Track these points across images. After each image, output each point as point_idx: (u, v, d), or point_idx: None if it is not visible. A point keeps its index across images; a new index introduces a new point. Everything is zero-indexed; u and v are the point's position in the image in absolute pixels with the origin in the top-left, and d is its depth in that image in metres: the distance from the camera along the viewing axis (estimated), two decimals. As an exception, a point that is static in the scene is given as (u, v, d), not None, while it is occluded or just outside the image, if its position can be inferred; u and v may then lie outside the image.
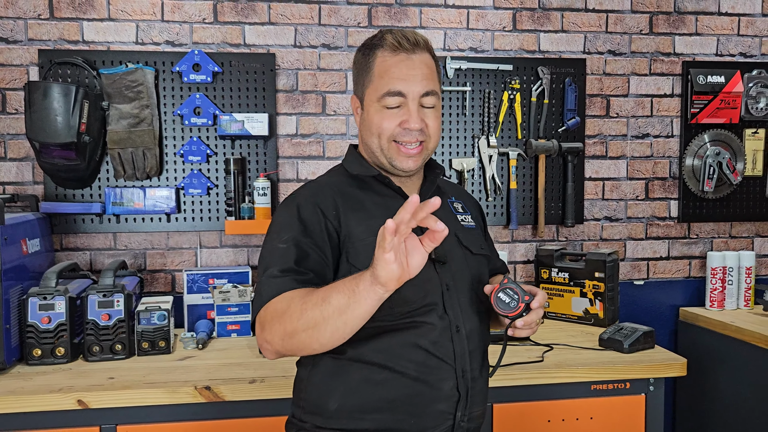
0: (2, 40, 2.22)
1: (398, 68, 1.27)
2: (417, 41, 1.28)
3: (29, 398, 1.62)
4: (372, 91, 1.30)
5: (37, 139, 2.05)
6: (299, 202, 1.29)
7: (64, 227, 2.25)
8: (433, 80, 1.30)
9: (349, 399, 1.24)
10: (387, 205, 1.32)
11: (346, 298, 1.03)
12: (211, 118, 2.29)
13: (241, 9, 2.33)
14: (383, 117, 1.29)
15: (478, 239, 1.42)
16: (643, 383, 1.89)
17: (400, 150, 1.30)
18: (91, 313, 1.89)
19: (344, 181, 1.36)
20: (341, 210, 1.29)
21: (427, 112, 1.30)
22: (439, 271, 1.29)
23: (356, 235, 1.27)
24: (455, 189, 1.54)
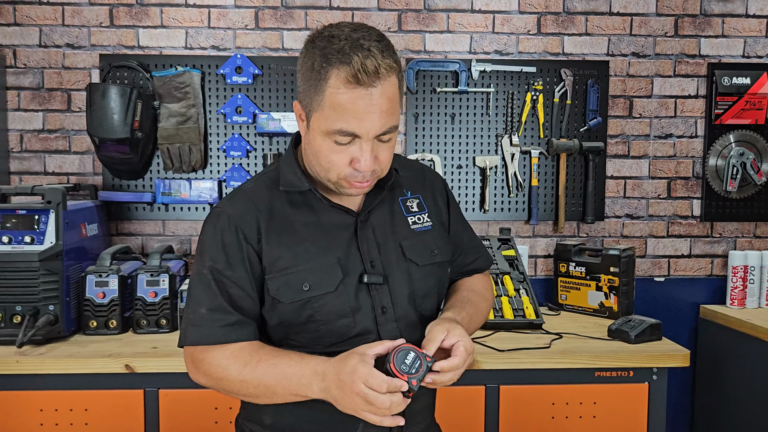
0: (69, 45, 2.48)
1: (354, 106, 1.08)
2: (378, 72, 1.07)
3: (85, 361, 1.84)
4: (321, 119, 1.11)
5: (97, 134, 2.30)
6: (222, 225, 1.20)
7: (119, 214, 2.49)
8: (393, 114, 1.12)
9: (281, 417, 1.23)
10: (320, 223, 1.23)
11: (291, 396, 1.12)
12: (251, 117, 2.49)
13: (280, 16, 2.52)
14: (332, 151, 1.13)
15: (431, 243, 1.30)
16: (647, 372, 1.97)
17: (350, 183, 1.17)
18: (140, 291, 2.11)
19: (274, 194, 1.24)
20: (263, 234, 1.20)
21: (382, 146, 1.15)
22: (374, 294, 1.22)
23: (278, 265, 1.19)
24: (414, 176, 1.36)
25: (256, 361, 1.14)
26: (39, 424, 1.85)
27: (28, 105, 2.49)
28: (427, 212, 1.33)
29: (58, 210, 2.01)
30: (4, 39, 2.47)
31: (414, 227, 1.29)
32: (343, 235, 1.23)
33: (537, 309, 2.24)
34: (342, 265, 1.20)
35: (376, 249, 1.24)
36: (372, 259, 1.23)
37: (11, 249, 1.96)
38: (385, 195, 1.28)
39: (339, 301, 1.19)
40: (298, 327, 1.20)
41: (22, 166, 2.50)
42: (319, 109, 1.11)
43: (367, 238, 1.24)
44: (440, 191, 1.38)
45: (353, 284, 1.21)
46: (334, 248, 1.21)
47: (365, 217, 1.25)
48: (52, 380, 1.85)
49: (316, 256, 1.20)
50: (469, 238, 1.46)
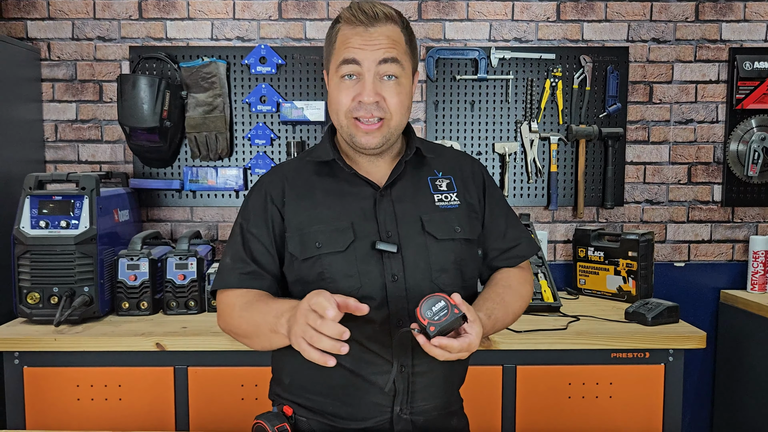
0: (100, 38, 2.57)
1: (354, 39, 1.23)
2: (375, 14, 1.23)
3: (118, 340, 1.94)
4: (333, 63, 1.26)
5: (127, 124, 2.38)
6: (256, 190, 1.36)
7: (149, 201, 2.59)
8: (395, 49, 1.23)
9: (296, 378, 1.31)
10: (341, 190, 1.31)
11: (268, 330, 1.17)
12: (275, 106, 2.55)
13: (302, 6, 2.58)
14: (340, 90, 1.25)
15: (454, 220, 1.32)
16: (663, 353, 2.00)
17: (358, 126, 1.25)
18: (170, 274, 2.20)
19: (303, 165, 1.36)
20: (286, 197, 1.31)
21: (387, 85, 1.24)
22: (386, 262, 1.25)
23: (296, 225, 1.29)
24: (449, 159, 1.42)
25: (257, 301, 1.25)
26: (76, 399, 1.95)
27: (62, 96, 2.59)
28: (456, 192, 1.36)
29: (91, 196, 2.11)
30: (38, 33, 2.57)
31: (438, 204, 1.33)
32: (362, 204, 1.30)
33: (555, 292, 2.28)
34: (355, 230, 1.27)
35: (394, 221, 1.29)
36: (388, 230, 1.28)
37: (48, 233, 2.06)
38: (411, 171, 1.34)
39: (346, 261, 1.25)
40: (310, 284, 1.25)
41: (57, 155, 2.60)
42: (332, 57, 1.27)
43: (385, 210, 1.29)
44: (476, 175, 1.41)
45: (364, 249, 1.26)
46: (350, 214, 1.29)
47: (386, 191, 1.31)
48: (88, 357, 1.94)
49: (330, 218, 1.28)
50: (510, 223, 1.44)
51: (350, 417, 1.27)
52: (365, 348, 1.24)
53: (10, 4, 2.55)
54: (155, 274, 2.21)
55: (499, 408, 2.00)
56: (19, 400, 1.94)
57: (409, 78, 1.29)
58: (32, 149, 2.52)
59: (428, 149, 1.39)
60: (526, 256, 1.45)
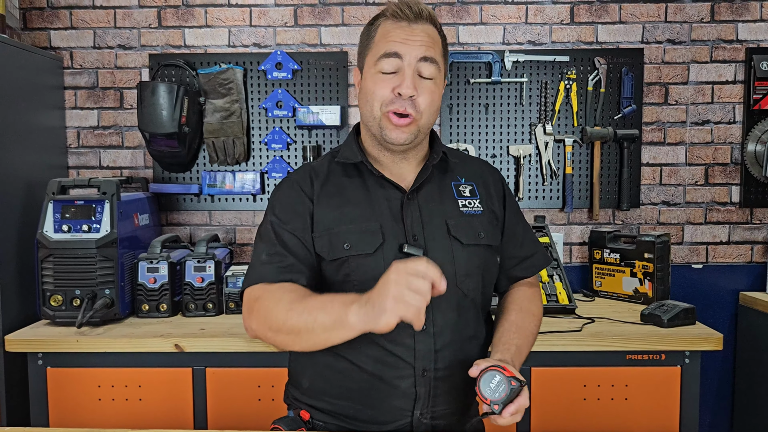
0: (120, 46, 2.63)
1: (396, 32, 1.25)
2: (420, 11, 1.26)
3: (138, 341, 1.98)
4: (371, 57, 1.28)
5: (147, 130, 2.43)
6: (286, 186, 1.35)
7: (168, 205, 2.63)
8: (434, 49, 1.26)
9: (316, 381, 1.31)
10: (369, 193, 1.31)
11: (332, 323, 1.09)
12: (291, 111, 2.59)
13: (318, 13, 2.61)
14: (377, 82, 1.26)
15: (478, 226, 1.34)
16: (679, 355, 1.99)
17: (390, 120, 1.26)
18: (188, 276, 2.24)
19: (332, 166, 1.37)
20: (316, 195, 1.31)
21: (424, 83, 1.26)
22: None
23: (324, 224, 1.29)
24: (472, 167, 1.44)
25: (309, 296, 1.18)
26: (97, 399, 1.99)
27: (84, 103, 2.65)
28: (479, 199, 1.38)
29: (112, 201, 2.16)
30: (61, 42, 2.63)
31: (463, 209, 1.35)
32: (390, 207, 1.30)
33: (570, 294, 2.28)
34: (384, 232, 1.27)
35: (420, 225, 1.30)
36: (415, 233, 1.29)
37: (71, 237, 2.11)
38: (437, 176, 1.36)
39: (375, 264, 1.25)
40: (336, 286, 1.27)
41: (79, 160, 2.66)
42: (370, 51, 1.29)
43: (412, 214, 1.30)
44: (496, 185, 1.44)
45: (392, 251, 1.26)
46: (379, 216, 1.29)
47: (413, 194, 1.33)
48: (109, 358, 1.99)
49: (359, 219, 1.28)
50: (528, 233, 1.49)
51: (370, 420, 1.27)
52: (387, 351, 1.24)
53: (34, 15, 2.62)
54: (174, 277, 2.25)
55: (514, 409, 2.00)
56: (42, 400, 1.99)
57: (442, 81, 1.31)
58: (55, 155, 2.59)
59: (452, 154, 1.42)
60: (543, 265, 1.49)
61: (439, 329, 1.26)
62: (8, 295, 2.15)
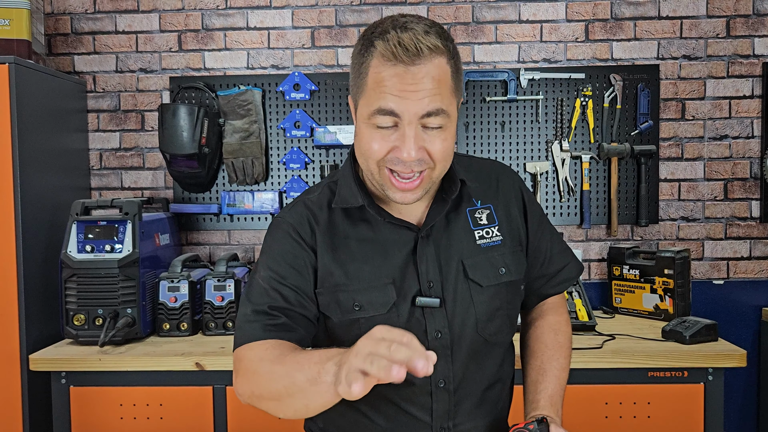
0: (142, 70, 2.69)
1: (392, 82, 1.01)
2: (419, 50, 1.00)
3: (159, 360, 2.00)
4: (363, 104, 1.06)
5: (168, 151, 2.48)
6: (282, 233, 1.17)
7: (188, 225, 2.67)
8: (440, 95, 1.03)
9: (330, 426, 1.23)
10: (377, 239, 1.16)
11: (308, 383, 0.92)
12: (309, 131, 2.62)
13: (334, 34, 2.66)
14: (372, 137, 1.05)
15: (499, 260, 1.20)
16: (702, 372, 1.97)
17: (392, 181, 1.07)
18: (208, 295, 2.26)
19: (331, 208, 1.18)
20: (318, 246, 1.15)
21: (431, 135, 1.04)
22: (428, 318, 1.14)
23: (330, 281, 1.14)
24: (484, 183, 1.24)
25: (291, 353, 1.03)
26: (119, 418, 2.01)
27: (106, 126, 2.70)
28: (498, 225, 1.22)
29: (134, 221, 2.19)
30: (84, 66, 2.70)
31: (480, 242, 1.19)
32: (401, 252, 1.16)
33: (590, 311, 2.27)
34: (397, 287, 1.14)
35: (437, 268, 1.16)
36: (430, 280, 1.16)
37: (93, 257, 2.14)
38: (450, 207, 1.19)
39: (388, 323, 1.03)
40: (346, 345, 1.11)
41: (101, 182, 2.71)
42: (362, 94, 1.06)
43: (427, 257, 1.16)
44: (515, 197, 1.26)
45: (406, 307, 1.14)
46: (390, 268, 1.15)
47: (426, 233, 1.17)
48: (131, 377, 2.01)
49: (369, 275, 1.15)
50: (555, 243, 1.33)
51: None
52: (402, 410, 1.15)
53: (59, 40, 2.69)
54: (194, 296, 2.27)
55: (535, 428, 1.98)
56: (65, 419, 2.01)
57: (454, 119, 1.08)
58: (79, 177, 2.64)
59: (468, 174, 1.21)
60: (575, 277, 1.35)
61: (458, 383, 1.16)
62: (33, 314, 2.19)
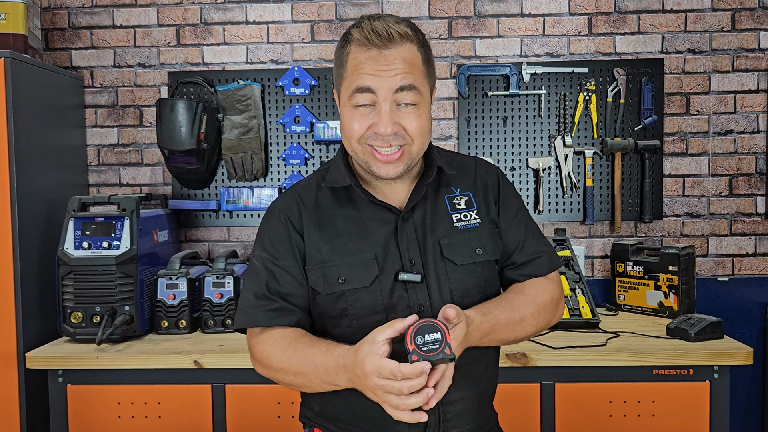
0: (140, 65, 2.66)
1: (367, 64, 1.14)
2: (390, 35, 1.13)
3: (157, 358, 1.97)
4: (344, 89, 1.19)
5: (166, 147, 2.45)
6: (274, 218, 1.28)
7: (187, 222, 2.64)
8: (412, 74, 1.16)
9: (325, 406, 1.29)
10: (361, 219, 1.25)
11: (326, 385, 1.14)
12: (309, 126, 2.59)
13: (334, 28, 2.62)
14: (353, 118, 1.18)
15: (475, 241, 1.26)
16: (707, 370, 1.94)
17: (375, 155, 1.18)
18: (207, 292, 2.23)
19: (319, 191, 1.28)
20: (305, 226, 1.25)
21: (405, 111, 1.17)
22: (411, 293, 1.22)
23: (317, 258, 1.24)
24: (468, 173, 1.33)
25: (293, 350, 1.17)
26: (117, 417, 1.99)
27: (104, 122, 2.67)
28: (476, 209, 1.29)
29: (132, 217, 2.16)
30: (82, 61, 2.67)
31: (458, 225, 1.27)
32: (384, 231, 1.24)
33: (593, 308, 2.24)
34: (379, 262, 1.22)
35: (417, 247, 1.24)
36: (412, 258, 1.23)
37: (91, 254, 2.12)
38: (429, 192, 1.28)
39: (372, 297, 1.21)
40: (334, 320, 1.24)
41: (99, 178, 2.68)
42: (342, 81, 1.19)
43: (408, 236, 1.25)
44: (492, 186, 1.33)
45: (389, 281, 1.22)
46: (373, 244, 1.24)
47: (407, 215, 1.26)
48: (129, 375, 1.98)
49: (353, 251, 1.23)
50: (529, 236, 1.33)
51: None
52: None
53: (56, 35, 2.66)
54: (193, 293, 2.24)
55: (538, 427, 1.96)
56: (62, 417, 1.99)
57: (427, 100, 1.21)
58: (76, 173, 2.61)
59: (448, 164, 1.31)
60: (545, 271, 1.32)
61: None
62: (29, 312, 2.16)
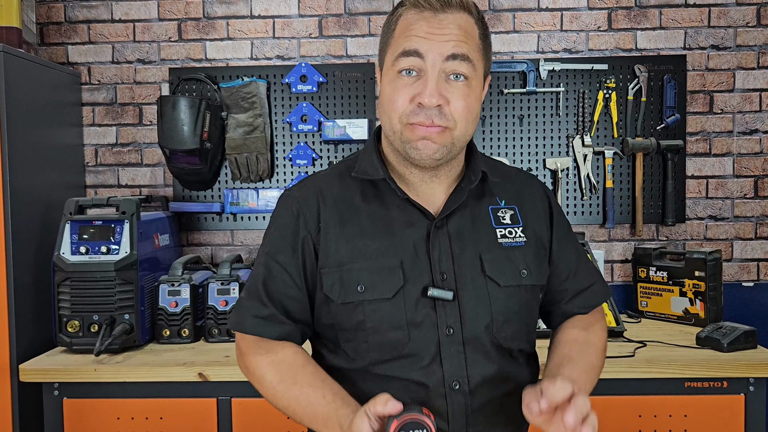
0: (140, 61, 2.54)
1: (418, 25, 1.03)
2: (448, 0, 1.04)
3: (159, 370, 1.85)
4: (390, 55, 1.07)
5: (167, 146, 2.33)
6: (285, 208, 1.15)
7: (189, 225, 2.53)
8: (467, 44, 1.03)
9: None
10: (389, 218, 1.10)
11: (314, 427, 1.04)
12: (316, 125, 2.48)
13: (343, 23, 2.51)
14: (395, 89, 1.04)
15: (520, 261, 1.13)
16: (742, 382, 1.84)
17: (414, 132, 1.04)
18: (211, 299, 2.12)
19: (344, 182, 1.14)
20: (323, 222, 1.11)
21: (454, 86, 1.03)
22: (440, 311, 1.07)
23: (334, 259, 1.09)
24: (514, 184, 1.20)
25: (292, 382, 1.08)
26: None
27: (102, 120, 2.56)
28: (522, 226, 1.16)
29: (132, 221, 2.05)
30: (79, 57, 2.55)
31: (502, 241, 1.13)
32: (414, 236, 1.10)
33: (617, 316, 2.13)
34: (405, 271, 1.08)
35: (450, 259, 1.10)
36: (443, 271, 1.09)
37: (88, 259, 2.00)
38: (471, 200, 1.14)
39: (394, 310, 1.06)
40: (348, 333, 1.10)
41: (97, 179, 2.57)
42: (389, 47, 1.08)
43: (441, 245, 1.10)
44: (542, 203, 1.21)
45: (415, 295, 1.07)
46: (400, 250, 1.09)
47: (442, 222, 1.11)
48: (129, 388, 1.86)
49: (376, 254, 1.08)
50: (582, 260, 1.24)
51: None
52: None
53: (52, 29, 2.55)
54: (196, 300, 2.13)
55: (563, 442, 1.85)
56: (58, 434, 1.87)
57: (480, 81, 1.08)
58: (72, 174, 2.49)
59: (493, 171, 1.18)
60: (602, 299, 1.24)
61: (475, 386, 1.07)
62: (23, 321, 2.05)
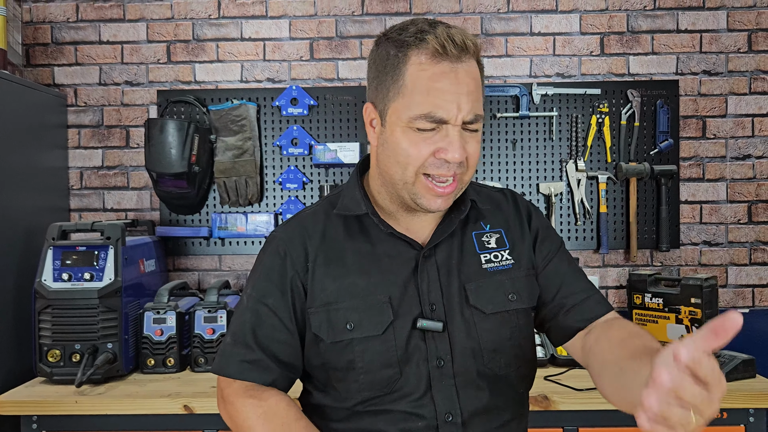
0: (127, 83, 2.50)
1: (441, 84, 0.98)
2: (465, 45, 0.99)
3: (143, 402, 1.79)
4: (402, 107, 1.01)
5: (155, 169, 2.28)
6: (272, 250, 1.12)
7: (176, 249, 2.47)
8: (479, 100, 1.02)
9: None
10: (375, 254, 1.09)
11: None
12: (307, 148, 2.44)
13: (335, 46, 2.49)
14: (413, 142, 1.00)
15: (508, 286, 1.10)
16: (742, 413, 1.80)
17: (429, 186, 1.02)
18: (198, 327, 2.06)
19: (328, 220, 1.12)
20: (310, 262, 1.09)
21: (469, 137, 1.02)
22: (430, 343, 1.05)
23: (321, 298, 1.07)
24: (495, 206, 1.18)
25: None
26: (97, 467, 1.80)
27: (87, 142, 2.51)
28: (509, 249, 1.13)
29: (117, 246, 1.99)
30: (65, 78, 2.51)
31: (487, 266, 1.10)
32: (401, 270, 1.08)
33: (613, 344, 2.09)
34: (393, 306, 1.06)
35: (439, 289, 1.08)
36: (432, 302, 1.07)
37: (71, 286, 1.94)
38: (456, 228, 1.12)
39: (384, 348, 1.04)
40: (339, 373, 1.07)
41: (81, 203, 2.51)
42: (398, 97, 1.01)
43: (430, 276, 1.08)
44: (526, 221, 1.18)
45: (405, 329, 1.05)
46: (388, 285, 1.07)
47: (430, 252, 1.10)
48: (111, 421, 1.80)
49: (363, 292, 1.07)
50: (573, 272, 1.18)
51: None
52: None
53: (38, 51, 2.50)
54: (182, 329, 2.07)
55: (561, 476, 1.80)
56: (36, 470, 1.79)
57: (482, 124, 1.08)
58: (56, 197, 2.43)
59: (480, 198, 1.16)
60: (602, 313, 1.14)
61: (468, 417, 1.04)
62: (1, 349, 1.98)
